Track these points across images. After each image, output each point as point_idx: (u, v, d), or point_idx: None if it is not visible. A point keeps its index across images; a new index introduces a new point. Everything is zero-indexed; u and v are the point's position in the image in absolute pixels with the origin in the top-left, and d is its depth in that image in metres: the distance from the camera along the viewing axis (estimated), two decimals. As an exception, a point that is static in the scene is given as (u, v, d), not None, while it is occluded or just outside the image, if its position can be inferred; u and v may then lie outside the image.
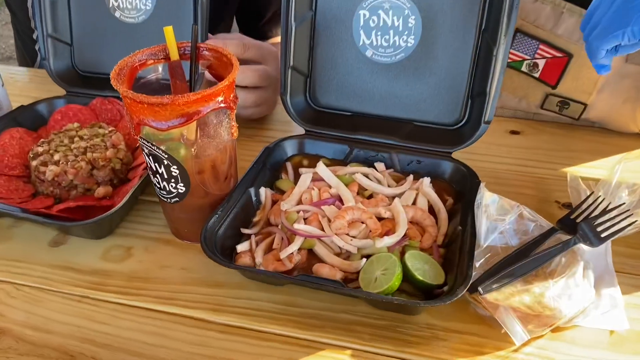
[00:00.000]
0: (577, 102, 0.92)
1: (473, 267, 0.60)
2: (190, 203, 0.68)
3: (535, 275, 0.63)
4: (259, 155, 0.78)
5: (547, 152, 0.90)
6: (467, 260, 0.61)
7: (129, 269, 0.70)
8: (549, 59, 0.91)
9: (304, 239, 0.66)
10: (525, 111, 0.98)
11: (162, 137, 0.63)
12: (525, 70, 0.93)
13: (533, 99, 0.95)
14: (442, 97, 0.80)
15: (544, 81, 0.93)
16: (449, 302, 0.56)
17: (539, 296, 0.61)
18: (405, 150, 0.79)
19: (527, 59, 0.92)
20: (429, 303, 0.57)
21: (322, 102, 0.85)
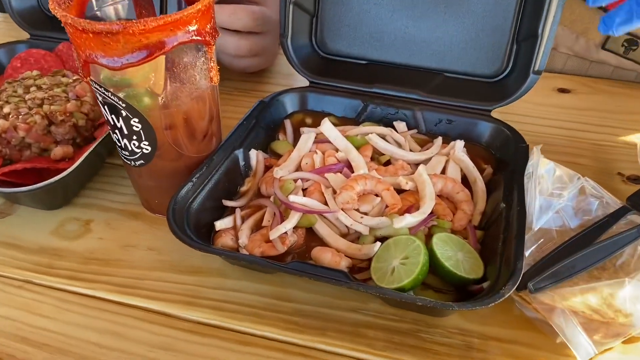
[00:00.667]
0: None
1: (523, 259, 0.45)
2: (159, 167, 0.54)
3: (603, 268, 0.48)
4: (251, 110, 0.63)
5: (604, 114, 0.74)
6: (515, 248, 0.46)
7: (84, 248, 0.56)
8: None
9: (301, 215, 0.52)
10: (582, 56, 0.81)
11: (118, 80, 0.48)
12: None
13: (594, 35, 0.78)
14: (480, 42, 0.64)
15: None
16: (492, 304, 0.41)
17: (609, 297, 0.46)
18: (432, 107, 0.64)
19: None
20: (464, 306, 0.42)
21: (331, 48, 0.69)
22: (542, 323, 0.47)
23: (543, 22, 0.58)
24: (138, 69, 0.48)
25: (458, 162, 0.58)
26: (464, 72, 0.66)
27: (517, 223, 0.48)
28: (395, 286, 0.45)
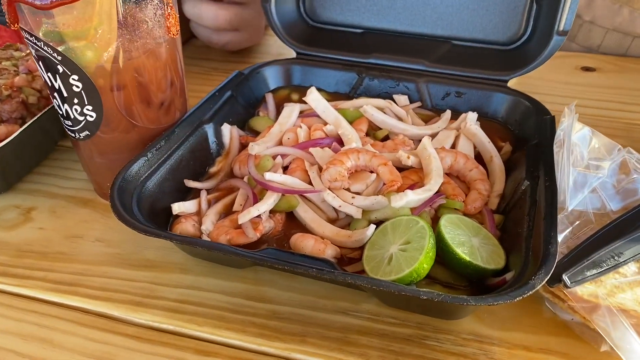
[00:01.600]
0: None
1: (557, 242, 0.35)
2: (108, 140, 0.45)
3: (658, 258, 0.38)
4: (226, 81, 0.54)
5: (636, 93, 0.64)
6: (545, 230, 0.36)
7: (21, 239, 0.47)
8: None
9: (280, 197, 0.42)
10: (623, 31, 0.71)
11: (53, 31, 0.39)
12: None
13: (638, 4, 0.69)
14: (494, 3, 0.55)
15: None
16: (520, 298, 0.31)
17: (669, 293, 0.36)
18: (439, 79, 0.54)
19: None
20: (483, 300, 0.32)
21: (321, 15, 0.60)
22: (581, 327, 0.37)
23: (568, -27, 0.49)
24: (77, 17, 0.39)
25: (471, 136, 0.48)
26: (475, 39, 0.56)
27: (546, 201, 0.38)
28: (394, 277, 0.35)
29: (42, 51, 0.40)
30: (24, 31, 0.41)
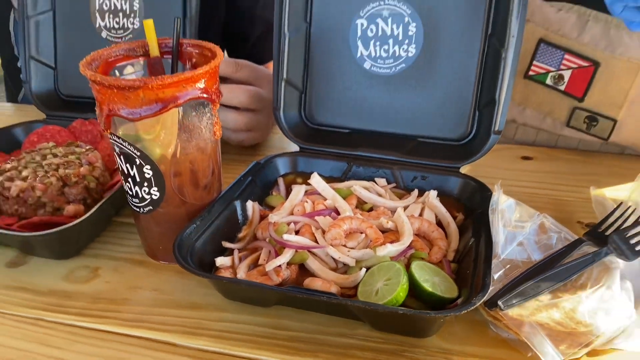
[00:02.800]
0: (606, 118, 0.86)
1: (491, 277, 0.51)
2: (165, 213, 0.60)
3: (565, 288, 0.54)
4: (248, 169, 0.71)
5: (564, 176, 0.82)
6: (484, 269, 0.52)
7: (93, 290, 0.61)
8: (574, 69, 0.85)
9: (294, 252, 0.58)
10: (550, 131, 0.91)
11: (135, 135, 0.56)
12: (550, 83, 0.87)
13: (559, 114, 0.89)
14: (448, 110, 0.74)
15: (570, 94, 0.86)
16: (465, 311, 0.47)
17: (571, 311, 0.51)
18: (408, 166, 0.72)
19: (552, 71, 0.87)
20: (440, 313, 0.47)
21: (318, 119, 0.79)
22: (515, 342, 0.52)
23: (499, 90, 0.68)
24: (153, 124, 0.56)
25: (433, 208, 0.65)
26: (434, 137, 0.75)
27: (485, 252, 0.54)
28: (380, 303, 0.50)
29: (124, 148, 0.57)
30: (113, 135, 0.57)
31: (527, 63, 0.89)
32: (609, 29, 0.81)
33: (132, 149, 0.56)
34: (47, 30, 0.90)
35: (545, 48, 0.86)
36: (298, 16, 0.75)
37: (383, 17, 0.73)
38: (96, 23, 0.88)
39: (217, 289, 0.57)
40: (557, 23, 0.85)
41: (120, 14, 0.86)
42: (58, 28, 0.90)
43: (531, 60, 0.88)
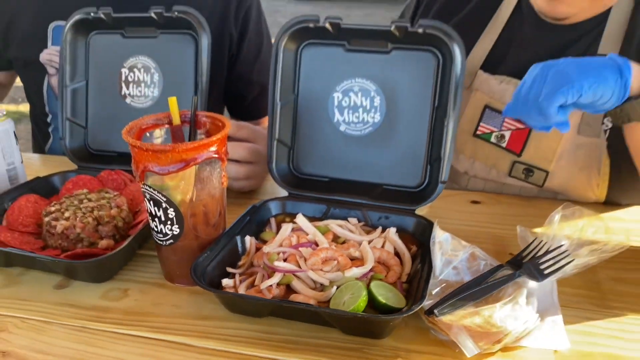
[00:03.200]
0: (540, 170, 1.05)
1: (427, 291, 0.68)
2: (182, 245, 0.78)
3: (485, 301, 0.71)
4: (246, 211, 0.89)
5: (505, 217, 1.01)
6: (423, 286, 0.69)
7: (124, 306, 0.78)
8: (513, 130, 1.05)
9: (282, 275, 0.75)
10: (495, 180, 1.10)
11: (161, 184, 0.74)
12: (494, 141, 1.07)
13: (502, 167, 1.08)
14: (406, 164, 0.93)
15: (510, 150, 1.06)
16: (405, 315, 0.65)
17: (488, 317, 0.69)
18: (375, 209, 0.90)
19: (495, 131, 1.07)
20: (387, 316, 0.65)
21: (303, 170, 0.97)
22: (447, 341, 0.69)
23: (443, 149, 0.87)
24: (176, 177, 0.74)
25: (392, 241, 0.83)
26: (395, 185, 0.93)
27: (426, 272, 0.72)
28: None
29: (154, 195, 0.75)
30: (145, 185, 0.75)
31: (475, 124, 1.09)
32: None
33: (160, 195, 0.74)
34: (81, 97, 1.09)
35: (489, 112, 1.06)
36: (288, 90, 0.95)
37: (354, 91, 0.93)
38: (122, 91, 1.07)
39: (223, 303, 0.74)
40: (499, 93, 1.05)
41: (142, 84, 1.05)
42: (90, 95, 1.09)
43: (478, 122, 1.08)
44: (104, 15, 1.02)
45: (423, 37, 0.87)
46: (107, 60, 1.07)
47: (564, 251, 0.78)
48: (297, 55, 0.94)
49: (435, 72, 0.89)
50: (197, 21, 0.99)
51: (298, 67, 0.95)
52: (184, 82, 1.03)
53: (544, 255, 0.78)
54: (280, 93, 0.94)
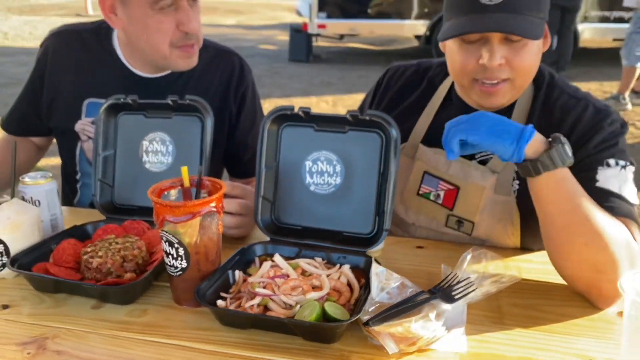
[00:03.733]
0: (468, 221, 1.33)
1: (364, 307, 0.96)
2: (188, 276, 1.06)
3: (406, 316, 0.98)
4: (236, 252, 1.17)
5: (440, 259, 1.27)
6: (361, 306, 0.97)
7: (145, 321, 1.05)
8: (446, 190, 1.34)
9: (261, 298, 1.03)
10: (436, 230, 1.38)
11: (175, 230, 1.03)
12: (433, 199, 1.36)
13: (440, 219, 1.36)
14: (360, 216, 1.21)
15: (445, 206, 1.35)
16: (345, 323, 0.92)
17: (407, 327, 0.96)
18: (336, 250, 1.18)
19: (432, 191, 1.36)
20: (333, 324, 0.92)
21: (282, 220, 1.26)
22: (379, 345, 0.95)
23: (386, 205, 1.16)
24: (186, 225, 1.02)
25: (346, 275, 1.11)
26: (352, 232, 1.22)
27: (364, 297, 1.00)
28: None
29: (169, 238, 1.03)
30: (162, 230, 1.03)
31: (418, 186, 1.38)
32: (464, 166, 1.31)
33: (173, 238, 1.03)
34: (110, 162, 1.39)
35: (428, 177, 1.35)
36: (271, 159, 1.25)
37: (321, 160, 1.23)
38: (142, 158, 1.37)
39: (217, 317, 1.02)
40: (434, 161, 1.35)
41: (159, 153, 1.35)
42: (117, 160, 1.39)
43: (420, 184, 1.38)
44: (131, 101, 1.34)
45: (370, 122, 1.17)
46: (132, 134, 1.38)
47: (470, 282, 1.05)
48: (278, 134, 1.25)
49: (380, 147, 1.19)
50: (204, 107, 1.30)
51: (279, 142, 1.25)
52: (192, 152, 1.33)
53: (455, 285, 1.05)
54: (265, 161, 1.24)
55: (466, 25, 1.16)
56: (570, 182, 1.06)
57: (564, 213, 1.06)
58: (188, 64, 1.50)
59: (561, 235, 1.08)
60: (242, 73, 1.66)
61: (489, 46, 1.17)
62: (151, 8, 1.38)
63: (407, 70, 1.51)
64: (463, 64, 1.22)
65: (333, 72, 7.60)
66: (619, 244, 1.04)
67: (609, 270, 1.03)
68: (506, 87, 1.22)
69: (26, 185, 1.30)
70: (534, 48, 1.19)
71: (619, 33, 7.52)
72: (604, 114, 1.22)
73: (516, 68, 1.19)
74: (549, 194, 1.07)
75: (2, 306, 1.09)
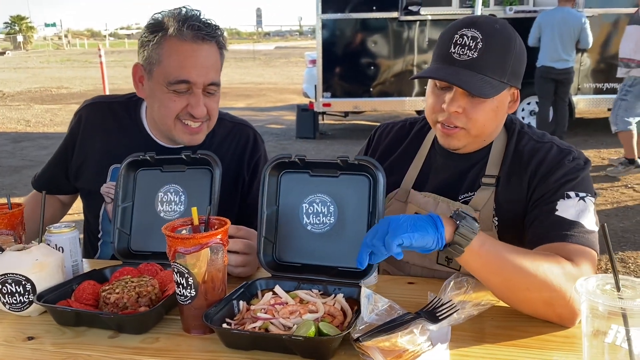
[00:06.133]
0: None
1: (354, 326, 1.06)
2: (196, 304, 1.17)
3: (394, 333, 1.08)
4: (240, 285, 1.29)
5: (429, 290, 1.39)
6: (350, 325, 1.07)
7: (157, 347, 1.15)
8: None
9: (262, 322, 1.13)
10: (428, 267, 1.49)
11: (185, 262, 1.15)
12: None
13: (431, 256, 1.47)
14: (353, 252, 1.32)
15: None
16: (337, 336, 1.02)
17: (394, 342, 1.06)
18: (332, 283, 1.29)
19: None
20: (326, 337, 1.02)
21: (282, 258, 1.38)
22: (368, 358, 1.05)
23: (376, 240, 1.28)
24: (195, 256, 1.15)
25: (340, 302, 1.21)
26: (346, 267, 1.33)
27: (357, 318, 1.10)
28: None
29: (180, 268, 1.16)
30: (174, 262, 1.16)
31: (409, 227, 1.50)
32: (450, 206, 1.44)
33: (184, 269, 1.15)
34: (128, 212, 1.53)
35: None
36: (272, 202, 1.39)
37: (316, 202, 1.37)
38: (157, 208, 1.52)
39: (222, 339, 1.12)
40: (424, 204, 1.48)
41: (172, 203, 1.50)
42: (134, 210, 1.54)
43: (411, 225, 1.50)
44: (149, 157, 1.50)
45: (359, 167, 1.32)
46: (148, 187, 1.53)
47: (452, 305, 1.16)
48: (278, 179, 1.40)
49: (369, 189, 1.33)
50: (213, 160, 1.47)
51: (279, 187, 1.40)
52: (202, 200, 1.47)
53: (439, 307, 1.16)
54: (266, 205, 1.38)
55: (433, 71, 1.37)
56: (489, 243, 1.15)
57: (495, 273, 1.17)
58: (191, 140, 1.64)
59: (503, 290, 1.20)
60: (256, 144, 1.83)
61: (450, 94, 1.35)
62: (167, 87, 1.56)
63: (395, 126, 1.68)
64: (432, 105, 1.40)
65: (339, 147, 7.87)
66: (557, 275, 1.14)
67: (558, 300, 1.14)
68: (461, 134, 1.39)
69: (51, 234, 1.44)
70: (491, 106, 1.36)
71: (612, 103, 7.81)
72: (565, 152, 1.36)
73: (471, 119, 1.36)
74: (475, 263, 1.16)
75: (28, 338, 1.21)
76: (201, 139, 1.66)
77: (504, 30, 1.35)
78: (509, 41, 1.35)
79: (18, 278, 1.27)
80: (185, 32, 1.53)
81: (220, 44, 1.61)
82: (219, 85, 1.62)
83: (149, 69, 1.59)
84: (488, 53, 1.32)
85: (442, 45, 1.37)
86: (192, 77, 1.54)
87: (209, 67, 1.57)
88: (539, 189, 1.33)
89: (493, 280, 1.19)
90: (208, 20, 1.59)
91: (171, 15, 1.57)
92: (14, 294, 1.28)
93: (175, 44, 1.54)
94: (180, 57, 1.54)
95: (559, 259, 1.18)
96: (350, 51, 7.96)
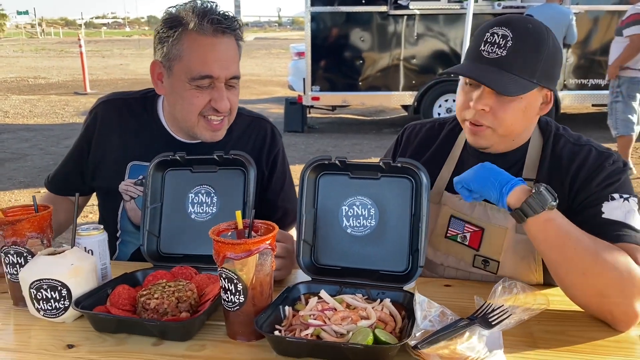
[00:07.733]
0: (493, 260, 1.44)
1: (412, 333, 1.05)
2: (244, 310, 1.14)
3: (451, 339, 1.07)
4: (284, 290, 1.26)
5: (468, 294, 1.38)
6: (408, 331, 1.06)
7: (203, 355, 1.12)
8: (471, 232, 1.45)
9: (314, 328, 1.11)
10: (464, 270, 1.48)
11: (234, 268, 1.12)
12: (460, 241, 1.47)
13: (467, 259, 1.47)
14: (395, 255, 1.32)
15: (471, 247, 1.45)
16: (399, 344, 1.01)
17: (453, 349, 1.05)
18: (375, 287, 1.28)
19: (459, 233, 1.47)
20: (387, 345, 1.01)
21: (321, 261, 1.36)
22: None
23: (420, 244, 1.27)
24: (244, 261, 1.12)
25: (388, 307, 1.20)
26: (388, 270, 1.32)
27: (409, 325, 1.09)
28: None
29: (228, 274, 1.13)
30: (222, 267, 1.13)
31: (445, 229, 1.50)
32: (486, 209, 1.43)
33: (233, 274, 1.12)
34: (157, 214, 1.49)
35: (454, 220, 1.47)
36: (310, 205, 1.36)
37: (357, 205, 1.35)
38: (188, 209, 1.48)
39: (273, 346, 1.10)
40: (459, 206, 1.47)
41: (204, 204, 1.47)
42: (163, 212, 1.50)
43: (447, 227, 1.49)
44: (179, 157, 1.46)
45: (401, 169, 1.31)
46: (178, 188, 1.49)
47: (504, 310, 1.15)
48: (316, 182, 1.37)
49: (411, 191, 1.31)
50: (247, 160, 1.43)
51: (317, 189, 1.37)
52: (235, 202, 1.44)
53: (490, 313, 1.15)
54: (305, 207, 1.35)
55: (462, 68, 1.39)
56: (557, 221, 1.21)
57: (556, 249, 1.21)
58: (212, 137, 1.62)
59: (560, 269, 1.23)
60: (274, 138, 1.80)
61: (478, 92, 1.34)
62: (189, 83, 1.52)
63: (424, 127, 1.67)
64: (460, 102, 1.41)
65: (327, 141, 7.85)
66: (617, 268, 1.16)
67: (613, 294, 1.15)
68: (488, 132, 1.39)
69: (80, 237, 1.40)
70: (520, 106, 1.35)
71: (597, 99, 7.93)
72: (605, 155, 1.37)
73: (497, 118, 1.36)
74: (538, 235, 1.22)
75: (68, 346, 1.17)
76: (222, 135, 1.64)
77: (537, 30, 1.34)
78: (541, 41, 1.34)
79: (54, 284, 1.23)
80: (205, 26, 1.50)
81: (238, 36, 1.59)
82: (239, 78, 1.59)
83: (168, 65, 1.55)
84: (517, 52, 1.31)
85: (474, 42, 1.37)
86: (215, 71, 1.51)
87: (230, 60, 1.55)
88: (582, 193, 1.33)
89: (551, 256, 1.23)
90: (226, 12, 1.55)
91: (189, 10, 1.53)
92: (49, 299, 1.23)
93: (195, 39, 1.51)
94: (201, 52, 1.51)
95: (625, 254, 1.19)
96: (339, 44, 7.92)
